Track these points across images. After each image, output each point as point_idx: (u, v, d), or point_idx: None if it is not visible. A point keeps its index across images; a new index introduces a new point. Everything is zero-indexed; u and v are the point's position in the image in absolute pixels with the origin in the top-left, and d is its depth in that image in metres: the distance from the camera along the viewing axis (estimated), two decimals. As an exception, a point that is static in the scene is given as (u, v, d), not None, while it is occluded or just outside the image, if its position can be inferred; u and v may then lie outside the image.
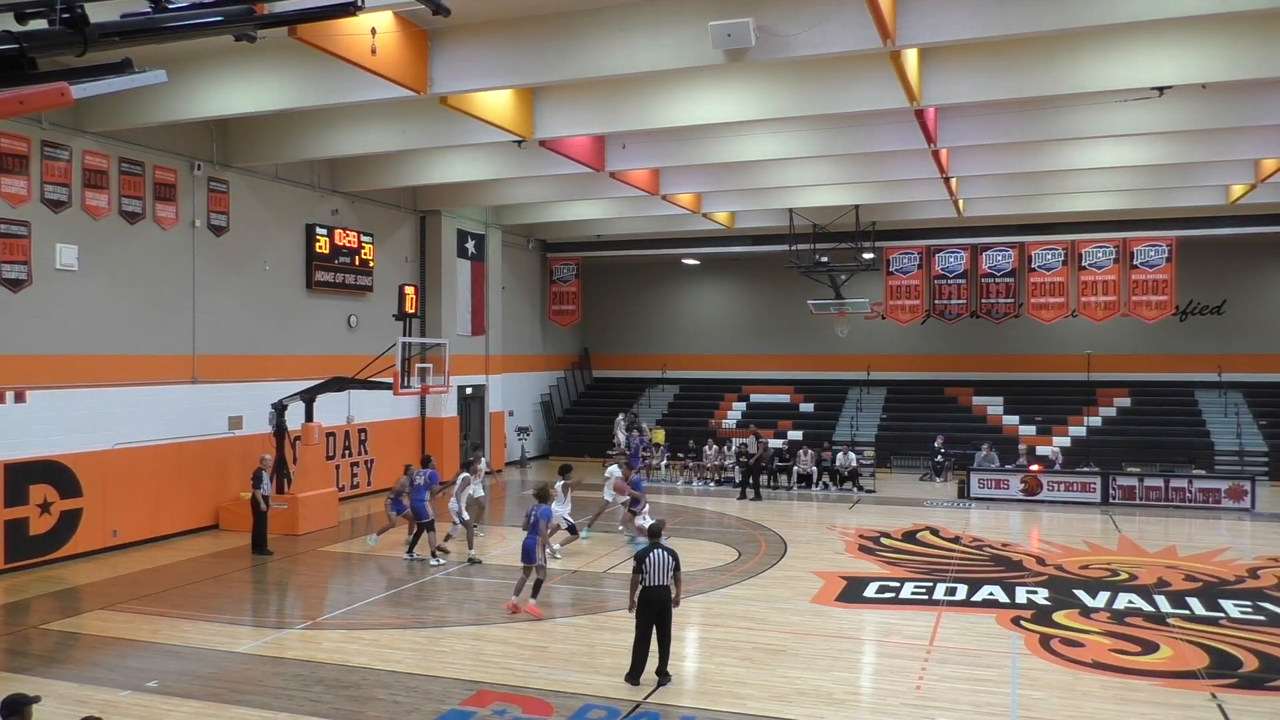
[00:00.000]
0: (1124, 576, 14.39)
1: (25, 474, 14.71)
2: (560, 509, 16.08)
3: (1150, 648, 10.86)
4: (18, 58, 3.86)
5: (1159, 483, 21.47)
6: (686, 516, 20.06)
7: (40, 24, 4.15)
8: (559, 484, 16.26)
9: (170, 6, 4.49)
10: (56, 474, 15.18)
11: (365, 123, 16.86)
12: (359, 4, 5.02)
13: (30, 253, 14.82)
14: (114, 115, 15.29)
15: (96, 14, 4.22)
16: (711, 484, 24.81)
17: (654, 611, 9.59)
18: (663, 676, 9.58)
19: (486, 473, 18.36)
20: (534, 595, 12.06)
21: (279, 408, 18.40)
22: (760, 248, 29.17)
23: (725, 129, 16.80)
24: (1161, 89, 13.54)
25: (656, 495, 23.02)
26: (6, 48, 3.86)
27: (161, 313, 17.14)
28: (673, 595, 9.67)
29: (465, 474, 16.18)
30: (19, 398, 14.68)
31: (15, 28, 4.07)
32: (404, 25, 12.45)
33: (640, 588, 9.64)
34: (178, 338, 17.49)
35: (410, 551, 15.61)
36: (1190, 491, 21.17)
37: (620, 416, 29.18)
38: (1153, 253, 26.18)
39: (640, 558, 9.74)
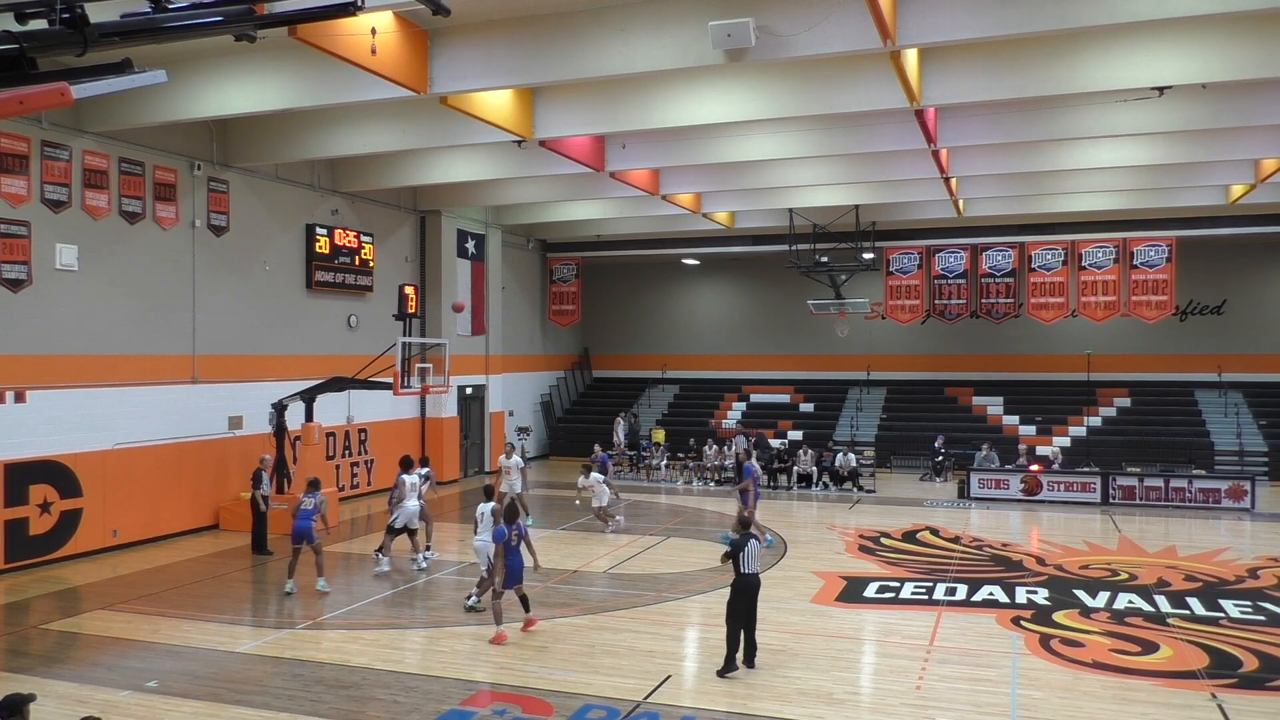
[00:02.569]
0: (1124, 576, 14.40)
1: (25, 474, 14.71)
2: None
3: (1150, 648, 10.86)
4: (18, 58, 3.87)
5: (1159, 483, 21.47)
6: (687, 516, 20.06)
7: (40, 24, 4.16)
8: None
9: (170, 6, 4.50)
10: (56, 474, 15.18)
11: (365, 123, 16.87)
12: (359, 4, 5.03)
13: (30, 253, 14.82)
14: (114, 115, 15.29)
15: (96, 14, 4.22)
16: (712, 484, 24.80)
17: (749, 599, 9.99)
18: (751, 664, 10.03)
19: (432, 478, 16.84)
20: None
21: (279, 408, 18.41)
22: (760, 248, 29.18)
23: (725, 129, 16.80)
24: (1161, 89, 13.54)
25: (656, 495, 23.05)
26: (7, 48, 3.86)
27: (161, 313, 17.14)
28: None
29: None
30: (19, 398, 14.68)
31: (15, 28, 4.07)
32: (404, 25, 12.45)
33: (735, 575, 10.02)
34: (178, 338, 17.49)
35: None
36: (1190, 491, 21.17)
37: (620, 417, 29.17)
38: (1153, 253, 26.18)
39: (738, 546, 10.08)
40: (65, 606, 12.86)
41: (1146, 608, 12.55)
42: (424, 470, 15.95)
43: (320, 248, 20.81)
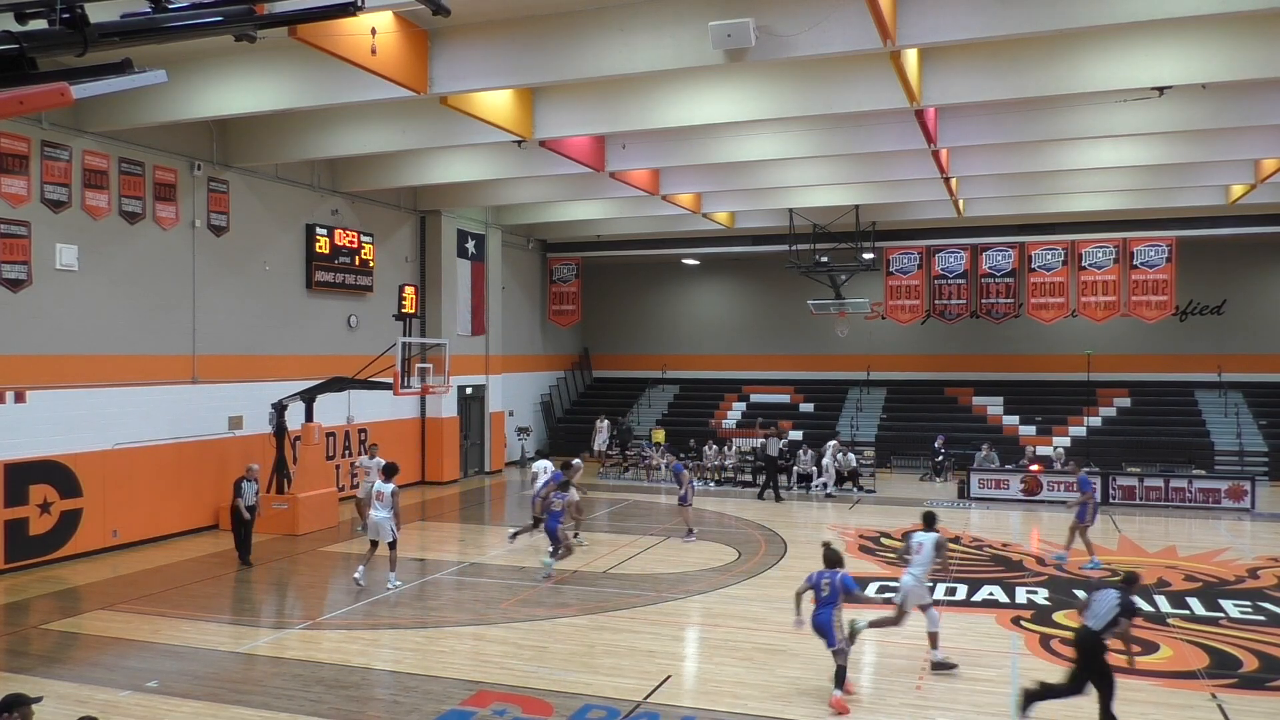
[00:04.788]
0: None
1: (25, 474, 14.71)
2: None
3: (1150, 648, 10.86)
4: (18, 58, 3.87)
5: (1159, 483, 21.48)
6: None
7: (40, 24, 4.15)
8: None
9: (170, 7, 4.49)
10: (56, 474, 15.18)
11: (365, 123, 16.86)
12: (359, 4, 5.02)
13: (30, 253, 14.82)
14: (114, 115, 15.28)
15: (96, 14, 4.21)
16: (711, 484, 24.79)
17: (1082, 658, 8.35)
18: None
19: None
20: (838, 685, 9.10)
21: (279, 408, 18.42)
22: (760, 248, 29.18)
23: (725, 129, 16.80)
24: (1161, 89, 13.54)
25: (656, 495, 23.04)
26: (6, 48, 3.86)
27: (162, 313, 17.14)
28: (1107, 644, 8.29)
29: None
30: (19, 398, 14.68)
31: (15, 28, 4.07)
32: (404, 25, 12.45)
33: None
34: (178, 338, 17.49)
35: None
36: (1190, 492, 21.18)
37: (601, 420, 29.04)
38: (1153, 253, 26.18)
39: (1092, 588, 8.93)
40: (65, 606, 12.86)
41: (1146, 608, 12.53)
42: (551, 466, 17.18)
43: (320, 248, 20.80)
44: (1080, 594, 13.20)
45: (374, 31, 11.56)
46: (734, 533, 18.24)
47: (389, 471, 13.98)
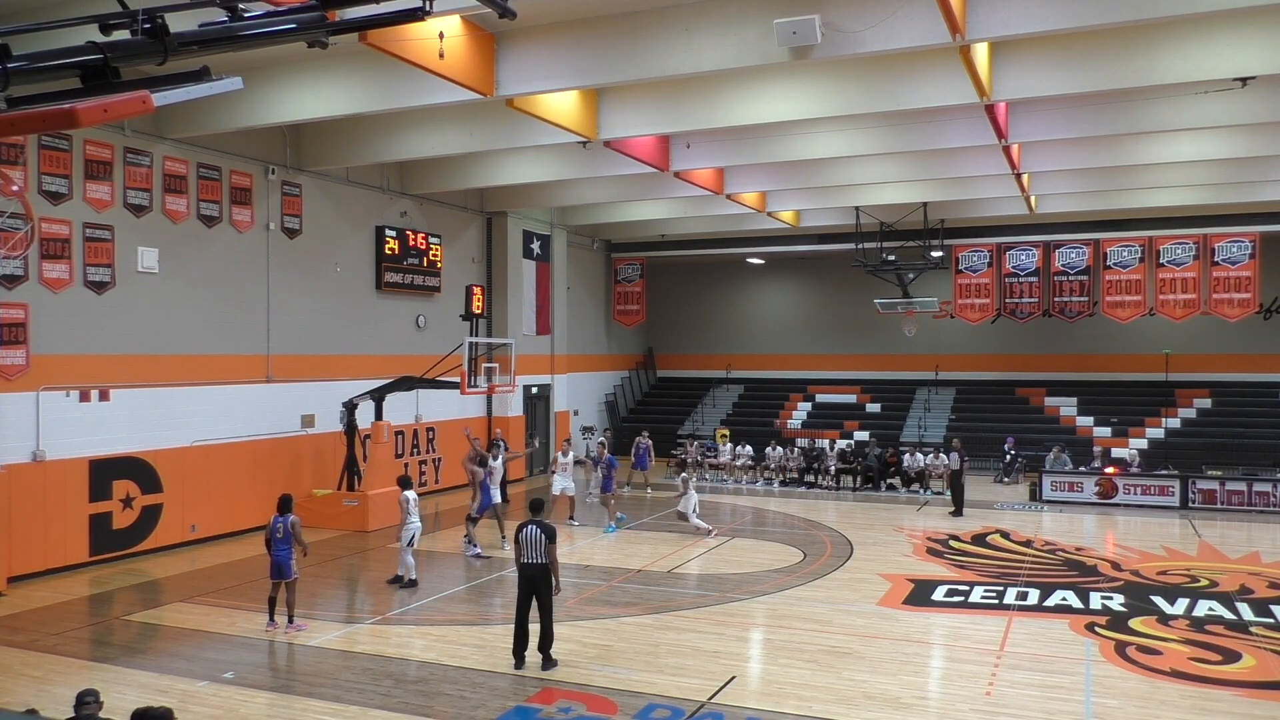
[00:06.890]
0: (1204, 583, 13.96)
1: (109, 470, 15.21)
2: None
3: (1232, 656, 10.52)
4: (102, 67, 4.00)
5: (1241, 486, 20.79)
6: (751, 517, 19.97)
7: (123, 34, 4.29)
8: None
9: (246, 15, 4.61)
10: (138, 470, 15.66)
11: (433, 126, 17.11)
12: (427, 9, 5.09)
13: (114, 256, 15.34)
14: (192, 122, 15.74)
15: (176, 24, 4.34)
16: (775, 484, 24.63)
17: None
18: None
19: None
20: None
21: (349, 406, 18.78)
22: (826, 246, 28.92)
23: (791, 127, 16.69)
24: (1244, 79, 13.10)
25: (719, 495, 22.95)
26: (91, 58, 3.99)
27: (237, 313, 17.60)
28: None
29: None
30: (103, 396, 15.19)
31: (99, 38, 4.21)
32: (471, 29, 12.60)
33: None
34: (253, 338, 17.94)
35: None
36: (1275, 495, 20.45)
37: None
38: (1235, 249, 25.36)
39: None
40: (146, 599, 13.28)
41: (1228, 615, 12.16)
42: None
43: (390, 249, 21.16)
44: (1157, 599, 12.86)
45: (441, 36, 11.71)
46: (799, 534, 18.11)
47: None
